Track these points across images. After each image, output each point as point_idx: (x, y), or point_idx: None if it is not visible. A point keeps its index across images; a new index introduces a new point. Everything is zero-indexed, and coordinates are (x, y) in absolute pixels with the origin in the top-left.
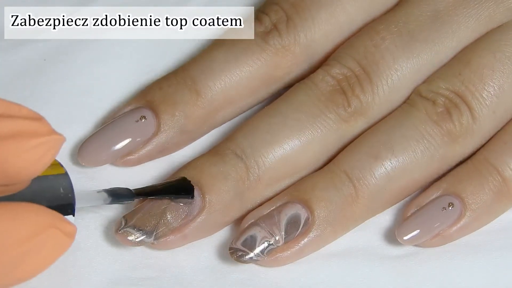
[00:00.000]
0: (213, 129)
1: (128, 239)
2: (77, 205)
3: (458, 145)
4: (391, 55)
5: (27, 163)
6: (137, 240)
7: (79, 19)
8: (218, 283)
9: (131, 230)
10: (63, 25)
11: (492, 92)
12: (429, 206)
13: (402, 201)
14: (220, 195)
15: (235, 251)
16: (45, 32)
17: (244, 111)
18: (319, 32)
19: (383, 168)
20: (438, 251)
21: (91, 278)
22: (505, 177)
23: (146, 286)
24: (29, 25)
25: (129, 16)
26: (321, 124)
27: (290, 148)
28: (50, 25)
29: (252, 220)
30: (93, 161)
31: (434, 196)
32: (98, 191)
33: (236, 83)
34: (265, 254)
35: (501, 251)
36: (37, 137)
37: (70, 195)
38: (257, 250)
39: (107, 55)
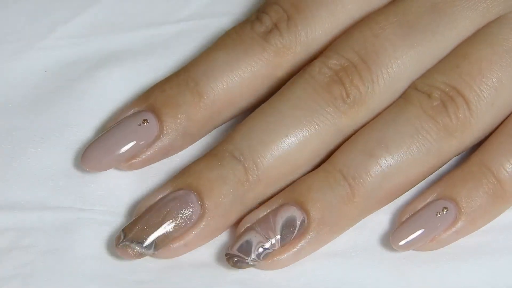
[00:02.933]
0: (214, 129)
1: (128, 253)
2: None
3: (455, 139)
4: (391, 45)
5: None
6: (136, 253)
7: (80, 21)
8: (218, 282)
9: (130, 244)
10: (63, 27)
11: (490, 85)
12: (423, 211)
13: (401, 203)
14: (220, 200)
15: (231, 257)
16: (45, 35)
17: (244, 111)
18: (319, 30)
19: (378, 166)
20: (439, 252)
21: (90, 282)
22: (500, 179)
23: None
24: (29, 28)
25: (129, 18)
26: (319, 120)
27: (288, 146)
28: (51, 27)
29: (248, 224)
30: (97, 166)
31: (428, 201)
32: None
33: (239, 84)
34: (261, 258)
35: (501, 252)
36: None
37: None
38: (253, 255)
39: (107, 57)
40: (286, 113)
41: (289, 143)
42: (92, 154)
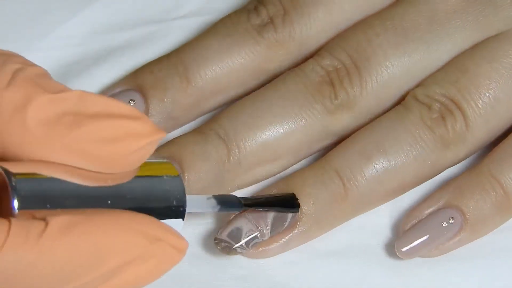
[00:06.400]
0: (200, 116)
1: None
2: (187, 210)
3: (449, 151)
4: (383, 52)
5: (131, 163)
6: None
7: (79, 21)
8: (216, 278)
9: None
10: (63, 27)
11: (487, 102)
12: (430, 220)
13: (399, 203)
14: (200, 174)
15: (220, 242)
16: (45, 35)
17: (233, 100)
18: (315, 29)
19: (374, 170)
20: None
21: None
22: (507, 191)
23: None
24: (29, 28)
25: (128, 16)
26: (306, 114)
27: (272, 134)
28: (51, 27)
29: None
30: None
31: (434, 207)
32: (208, 198)
33: (227, 74)
34: (250, 247)
35: (500, 253)
36: (141, 138)
37: (182, 198)
38: (243, 242)
39: (107, 56)
40: (274, 102)
41: (273, 131)
42: None
